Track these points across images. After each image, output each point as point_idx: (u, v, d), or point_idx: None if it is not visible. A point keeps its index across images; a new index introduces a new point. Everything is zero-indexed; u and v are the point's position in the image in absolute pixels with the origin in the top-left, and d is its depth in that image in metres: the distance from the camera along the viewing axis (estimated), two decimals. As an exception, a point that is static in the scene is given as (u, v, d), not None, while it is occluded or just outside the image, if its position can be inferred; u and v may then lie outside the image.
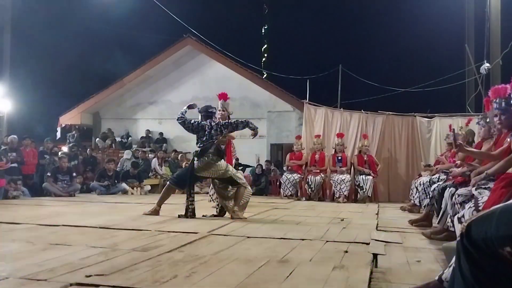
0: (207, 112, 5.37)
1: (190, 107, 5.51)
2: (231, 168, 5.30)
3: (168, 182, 5.54)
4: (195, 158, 5.16)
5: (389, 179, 9.91)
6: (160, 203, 5.32)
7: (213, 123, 5.24)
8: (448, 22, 14.49)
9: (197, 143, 5.22)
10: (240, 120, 5.29)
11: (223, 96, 7.18)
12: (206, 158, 5.06)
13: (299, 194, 9.26)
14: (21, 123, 14.46)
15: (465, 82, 12.81)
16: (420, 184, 6.12)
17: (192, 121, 5.31)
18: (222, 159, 5.20)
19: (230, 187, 5.25)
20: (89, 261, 2.60)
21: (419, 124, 9.95)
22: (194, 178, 5.28)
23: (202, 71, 13.33)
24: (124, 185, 9.71)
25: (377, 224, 4.91)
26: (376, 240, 3.65)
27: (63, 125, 13.60)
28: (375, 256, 3.00)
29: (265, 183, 10.65)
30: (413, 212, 6.39)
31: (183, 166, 11.09)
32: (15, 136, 8.95)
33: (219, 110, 7.13)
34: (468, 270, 1.42)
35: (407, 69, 16.47)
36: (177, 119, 5.38)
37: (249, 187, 5.50)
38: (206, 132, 5.17)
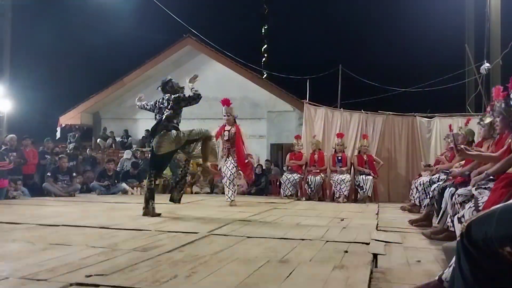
0: (164, 88, 5.32)
1: (139, 99, 5.74)
2: (183, 131, 5.11)
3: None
4: (151, 140, 5.09)
5: (389, 179, 9.91)
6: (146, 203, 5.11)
7: (164, 99, 5.17)
8: (448, 22, 14.48)
9: None
10: (192, 94, 5.16)
11: (226, 102, 7.24)
12: (158, 134, 4.97)
13: (299, 194, 9.26)
14: (21, 123, 14.44)
15: (465, 82, 12.80)
16: (420, 184, 6.12)
17: (149, 102, 5.39)
18: (172, 130, 5.02)
19: (195, 147, 5.10)
20: (89, 261, 2.60)
21: (419, 124, 9.95)
22: (159, 159, 5.09)
23: (202, 71, 13.29)
24: (124, 185, 9.71)
25: (377, 224, 4.91)
26: (376, 240, 3.65)
27: (63, 125, 13.59)
28: (375, 256, 3.00)
29: (265, 183, 10.65)
30: (413, 212, 6.38)
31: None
32: (14, 136, 8.95)
33: (224, 116, 7.24)
34: (468, 270, 1.42)
35: (407, 69, 16.46)
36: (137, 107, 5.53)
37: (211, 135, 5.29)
38: (157, 109, 5.13)
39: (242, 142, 7.14)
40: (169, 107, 5.07)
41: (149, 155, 5.60)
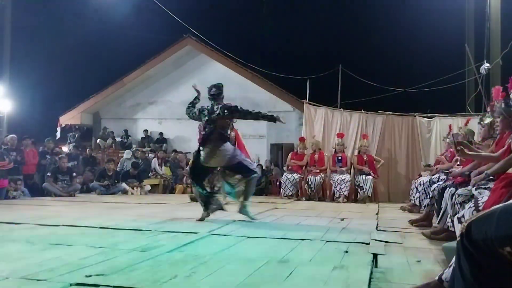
0: (210, 94, 5.06)
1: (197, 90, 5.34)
2: (239, 152, 4.96)
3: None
4: (200, 148, 4.86)
5: (389, 179, 9.92)
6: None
7: (215, 106, 4.91)
8: (448, 22, 14.47)
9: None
10: (250, 110, 4.91)
11: None
12: (212, 145, 4.75)
13: (299, 194, 9.26)
14: (21, 123, 14.45)
15: (465, 82, 12.80)
16: (420, 184, 6.11)
17: (195, 110, 5.08)
18: (227, 143, 4.86)
19: (238, 176, 4.88)
20: (89, 261, 2.60)
21: (419, 124, 9.95)
22: (203, 170, 4.96)
23: (202, 71, 13.32)
24: (124, 185, 9.71)
25: (377, 224, 4.91)
26: (376, 240, 3.65)
27: (63, 125, 13.59)
28: (375, 256, 2.99)
29: (265, 183, 10.64)
30: (413, 212, 6.38)
31: (187, 167, 11.11)
32: (14, 136, 8.95)
33: None
34: (468, 270, 1.42)
35: (407, 69, 16.45)
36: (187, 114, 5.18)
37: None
38: (206, 117, 4.88)
39: (243, 145, 7.18)
40: (221, 115, 4.84)
41: (192, 160, 5.25)
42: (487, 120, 4.12)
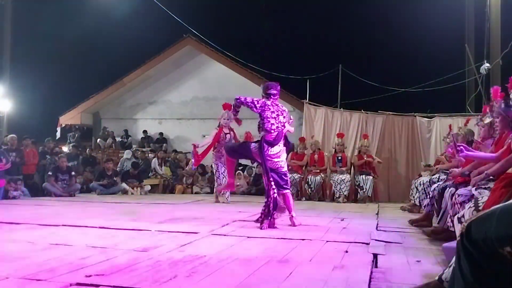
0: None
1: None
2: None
3: None
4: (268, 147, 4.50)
5: (389, 179, 9.92)
6: None
7: (280, 107, 4.76)
8: (448, 22, 14.46)
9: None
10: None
11: (228, 107, 7.30)
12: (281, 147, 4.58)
13: (299, 194, 9.26)
14: (21, 123, 14.44)
15: (465, 82, 12.80)
16: (420, 184, 6.12)
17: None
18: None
19: None
20: (89, 261, 2.60)
21: (419, 124, 9.95)
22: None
23: (202, 71, 13.33)
24: (124, 185, 9.71)
25: (377, 224, 4.91)
26: (376, 240, 3.65)
27: (63, 125, 13.60)
28: (375, 256, 2.99)
29: (265, 183, 10.63)
30: (413, 212, 6.38)
31: (187, 167, 11.10)
32: (14, 135, 8.95)
33: (225, 119, 7.35)
34: (468, 270, 1.42)
35: (407, 69, 16.44)
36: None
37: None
38: (274, 115, 4.66)
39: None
40: (285, 120, 4.68)
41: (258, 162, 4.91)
42: (487, 120, 4.13)
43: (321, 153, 9.39)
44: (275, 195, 4.35)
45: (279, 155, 4.55)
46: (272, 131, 4.55)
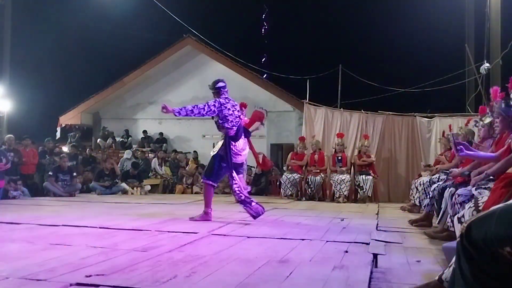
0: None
1: None
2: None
3: None
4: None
5: (389, 179, 9.92)
6: None
7: (232, 104, 4.87)
8: (448, 22, 14.49)
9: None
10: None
11: (244, 106, 7.26)
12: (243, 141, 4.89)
13: (299, 194, 9.26)
14: (21, 123, 14.44)
15: (465, 82, 12.79)
16: (420, 184, 6.12)
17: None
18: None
19: None
20: (89, 261, 2.60)
21: (419, 124, 9.95)
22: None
23: (202, 71, 13.33)
24: (124, 185, 9.71)
25: (377, 224, 4.91)
26: (376, 240, 3.65)
27: (63, 125, 13.60)
28: (375, 256, 2.99)
29: (265, 183, 10.65)
30: (413, 212, 6.39)
31: (187, 167, 11.09)
32: (12, 136, 8.93)
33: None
34: (468, 270, 1.42)
35: (407, 69, 16.46)
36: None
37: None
38: (234, 112, 4.81)
39: None
40: (239, 113, 4.84)
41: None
42: (487, 120, 4.12)
43: (321, 153, 9.40)
44: (238, 187, 4.60)
45: (244, 147, 4.86)
46: (234, 127, 4.77)
